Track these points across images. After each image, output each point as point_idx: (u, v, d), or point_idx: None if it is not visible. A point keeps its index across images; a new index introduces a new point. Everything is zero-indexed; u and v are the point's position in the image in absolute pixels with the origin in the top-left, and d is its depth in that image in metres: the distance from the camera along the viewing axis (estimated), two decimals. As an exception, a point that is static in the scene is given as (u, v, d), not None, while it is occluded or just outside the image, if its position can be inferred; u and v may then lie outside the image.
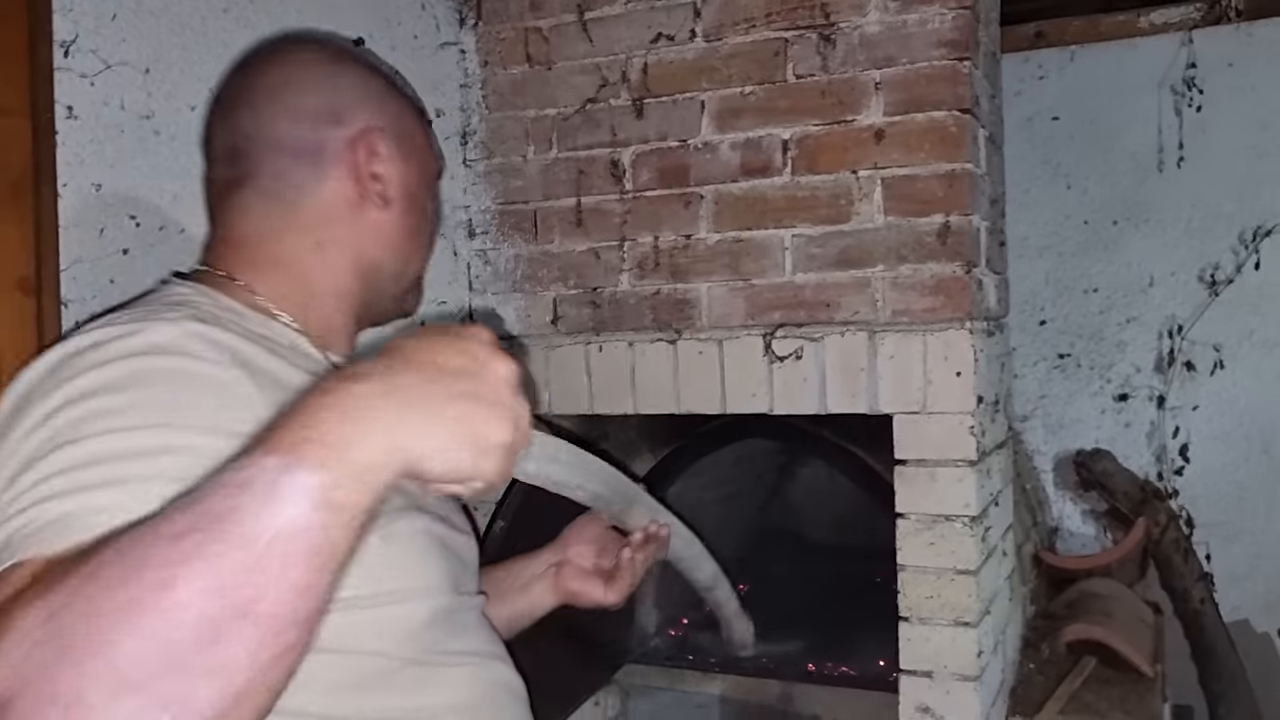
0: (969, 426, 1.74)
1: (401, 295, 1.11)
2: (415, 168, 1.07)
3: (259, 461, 0.57)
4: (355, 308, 1.05)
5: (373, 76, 1.07)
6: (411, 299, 1.13)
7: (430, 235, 1.12)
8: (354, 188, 1.01)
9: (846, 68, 1.79)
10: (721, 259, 1.89)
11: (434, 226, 1.14)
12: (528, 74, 2.02)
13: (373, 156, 1.01)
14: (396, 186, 1.04)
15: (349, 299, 1.04)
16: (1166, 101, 2.75)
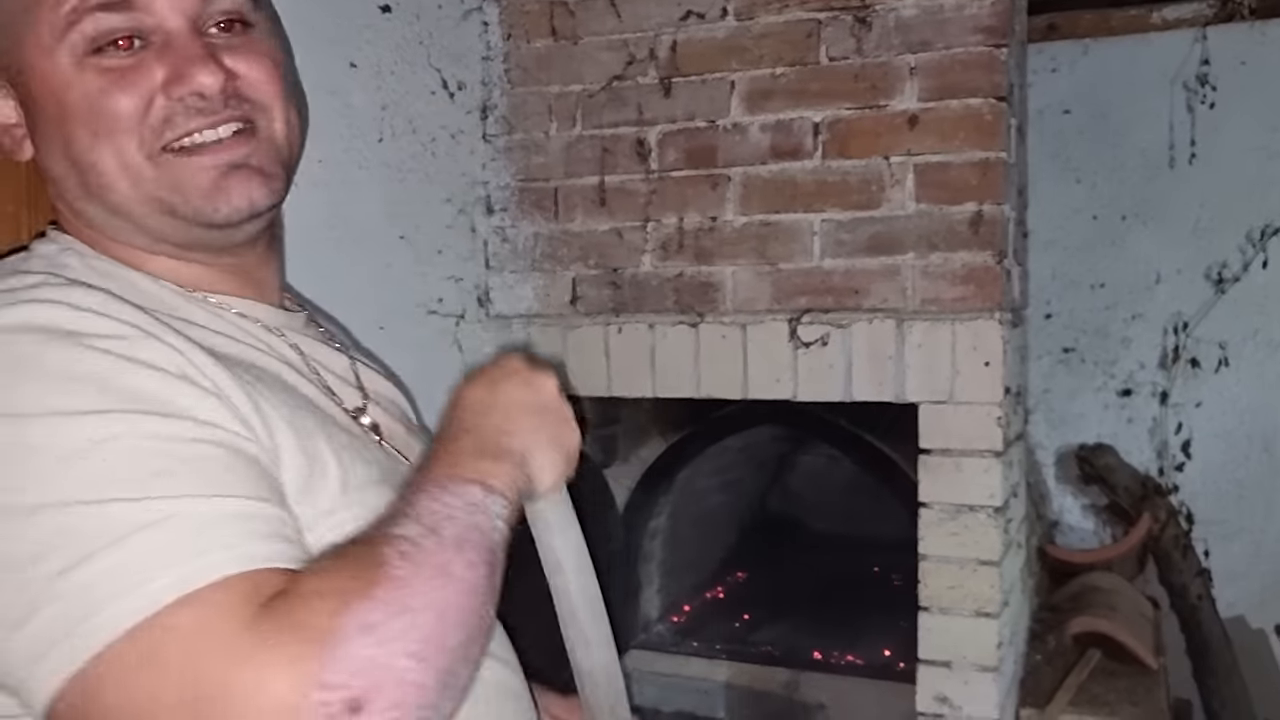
0: (996, 417, 1.74)
1: (152, 202, 0.79)
2: (18, 63, 0.78)
3: (470, 490, 0.70)
4: (146, 238, 0.82)
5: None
6: (175, 201, 0.79)
7: (89, 112, 0.77)
8: (5, 140, 0.82)
9: (881, 51, 1.77)
10: (748, 242, 1.87)
11: (92, 100, 0.77)
12: (553, 48, 1.99)
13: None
14: (25, 113, 0.80)
15: (125, 231, 0.81)
16: (1179, 98, 2.75)
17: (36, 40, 0.76)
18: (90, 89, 0.76)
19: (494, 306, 2.06)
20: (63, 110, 0.76)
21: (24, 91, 0.79)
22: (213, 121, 0.78)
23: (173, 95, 0.77)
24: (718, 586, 2.72)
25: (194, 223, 0.80)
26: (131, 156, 0.77)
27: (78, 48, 0.75)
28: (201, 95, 0.77)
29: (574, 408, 0.86)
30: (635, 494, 2.28)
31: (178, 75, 0.76)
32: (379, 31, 1.76)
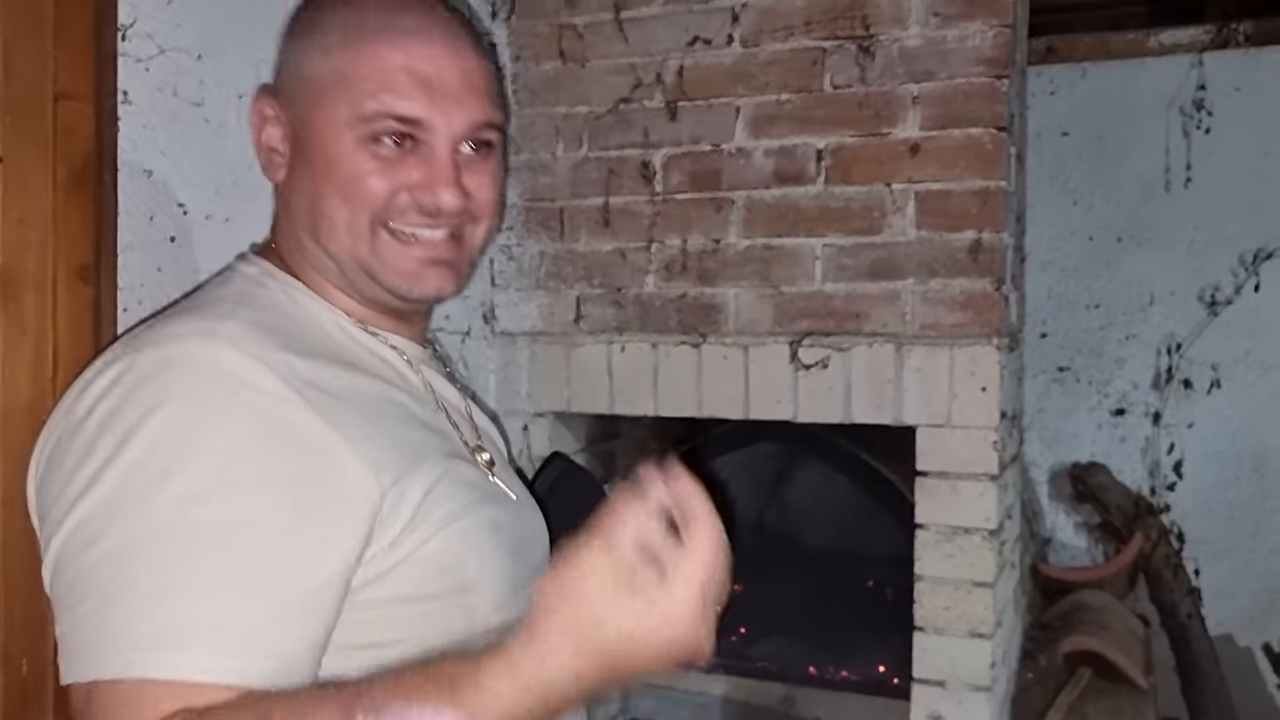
0: (992, 441, 1.77)
1: (358, 261, 0.96)
2: (305, 114, 0.95)
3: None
4: (342, 280, 0.99)
5: (298, 14, 1.01)
6: (377, 268, 0.96)
7: (348, 181, 0.93)
8: (262, 157, 1.00)
9: (884, 80, 1.81)
10: (751, 265, 1.90)
11: (356, 176, 0.93)
12: (560, 70, 2.02)
13: (263, 123, 0.99)
14: (291, 146, 0.97)
15: (328, 271, 0.99)
16: (1175, 122, 2.80)
17: (333, 112, 0.92)
18: (358, 167, 0.92)
19: (499, 324, 2.09)
20: (329, 171, 0.93)
21: (298, 134, 0.96)
22: (434, 224, 0.95)
23: (416, 196, 0.93)
24: (714, 599, 2.75)
25: (388, 292, 0.97)
26: (361, 225, 0.93)
27: (362, 134, 0.92)
28: (440, 209, 0.94)
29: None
30: (635, 508, 2.31)
31: (428, 186, 0.93)
32: (392, 55, 1.79)
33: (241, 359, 0.82)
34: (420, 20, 0.95)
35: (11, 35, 1.10)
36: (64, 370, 1.16)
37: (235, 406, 0.80)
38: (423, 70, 0.92)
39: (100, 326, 1.20)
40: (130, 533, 0.75)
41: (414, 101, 0.92)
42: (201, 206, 1.41)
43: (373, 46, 0.92)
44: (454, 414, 1.03)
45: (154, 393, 0.79)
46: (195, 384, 0.80)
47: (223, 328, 0.84)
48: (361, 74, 0.92)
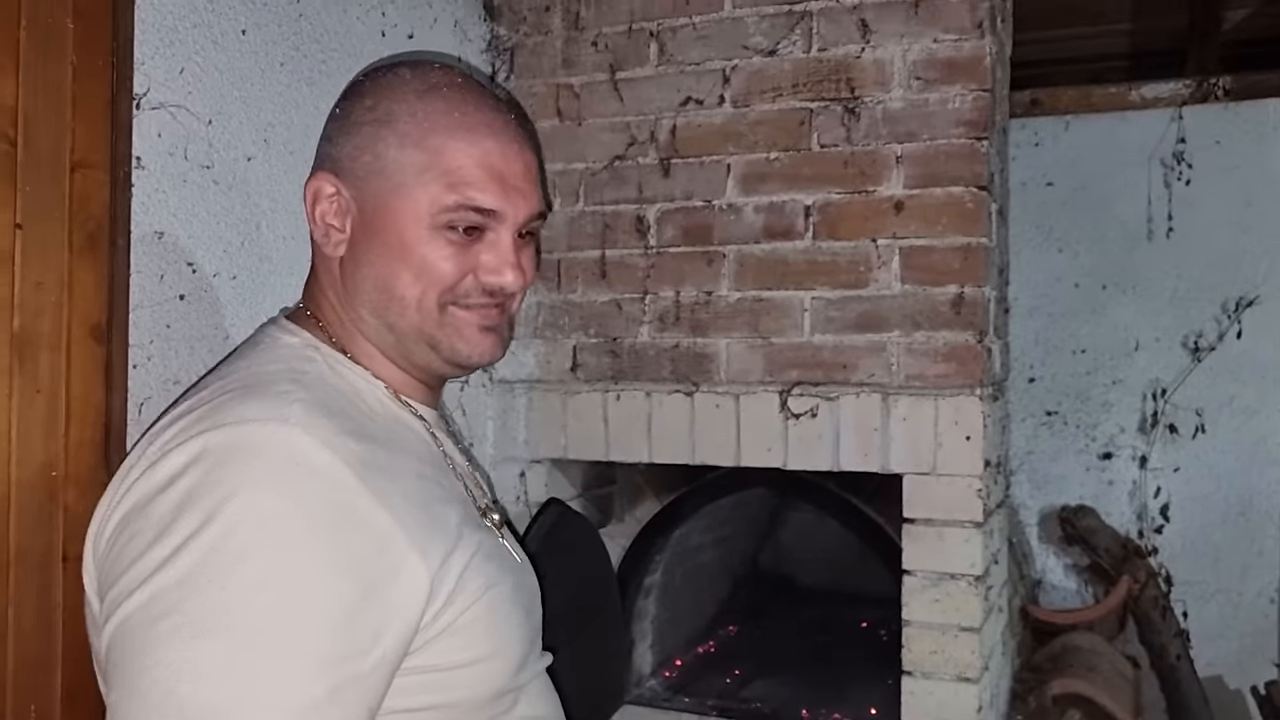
0: (976, 489, 1.82)
1: (422, 335, 1.03)
2: (378, 199, 1.01)
3: None
4: (397, 350, 1.05)
5: (361, 101, 1.04)
6: (441, 339, 1.04)
7: (424, 264, 1.00)
8: (319, 233, 1.04)
9: (869, 140, 1.87)
10: (742, 316, 1.96)
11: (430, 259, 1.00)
12: (558, 128, 2.09)
13: (318, 201, 1.03)
14: (354, 224, 1.02)
15: (385, 342, 1.05)
16: (1156, 174, 2.87)
17: (412, 200, 1.00)
18: (434, 252, 1.00)
19: (497, 372, 2.14)
20: (404, 253, 1.00)
21: (367, 214, 1.02)
22: (493, 302, 1.04)
23: (481, 278, 1.02)
24: (710, 641, 2.78)
25: (446, 360, 1.05)
26: (430, 303, 1.01)
27: (440, 223, 1.00)
28: (503, 290, 1.03)
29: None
30: (630, 552, 2.34)
31: (495, 270, 1.02)
32: (394, 115, 1.86)
33: (311, 445, 0.86)
34: (493, 118, 1.03)
35: (32, 108, 1.16)
36: (76, 426, 1.21)
37: (307, 494, 0.84)
38: (497, 166, 1.01)
39: (111, 383, 1.25)
40: (203, 612, 0.79)
41: (490, 195, 1.00)
42: (210, 265, 1.47)
43: (453, 143, 1.00)
44: (465, 477, 1.09)
45: (232, 477, 0.83)
46: (271, 471, 0.84)
47: (291, 412, 0.88)
48: (443, 168, 0.99)
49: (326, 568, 0.83)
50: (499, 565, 1.01)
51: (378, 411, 1.01)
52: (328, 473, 0.86)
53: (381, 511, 0.88)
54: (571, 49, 2.08)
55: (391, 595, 0.86)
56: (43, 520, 1.17)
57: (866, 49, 1.87)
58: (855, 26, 1.88)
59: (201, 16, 1.45)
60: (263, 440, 0.86)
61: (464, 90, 1.05)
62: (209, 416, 0.89)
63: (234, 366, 0.99)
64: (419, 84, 1.03)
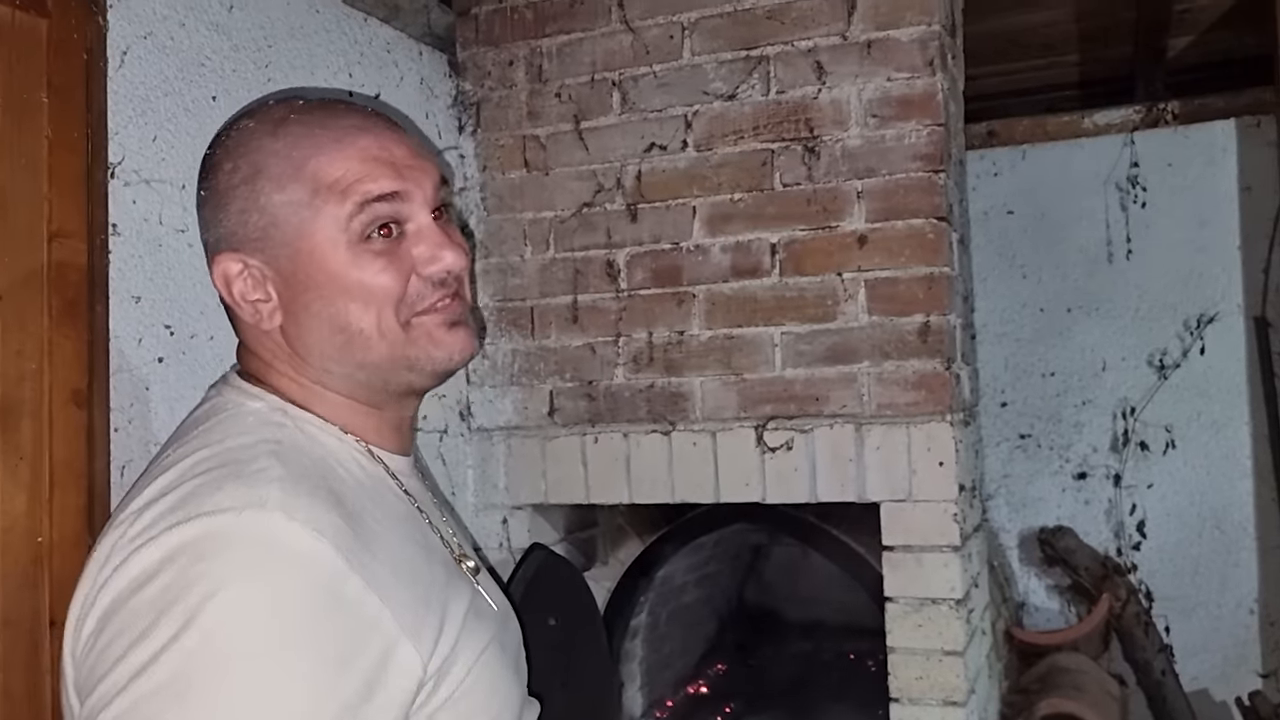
0: (952, 514, 1.85)
1: (396, 360, 0.96)
2: (286, 250, 0.93)
3: None
4: (368, 392, 0.99)
5: (219, 169, 0.96)
6: (416, 355, 0.97)
7: (363, 287, 0.93)
8: (247, 313, 0.96)
9: (830, 177, 1.92)
10: (714, 354, 1.99)
11: (364, 278, 0.93)
12: (526, 179, 2.13)
13: (231, 283, 0.95)
14: (277, 288, 0.95)
15: (351, 389, 0.98)
16: (1113, 198, 2.94)
17: (318, 231, 0.93)
18: (363, 270, 0.93)
19: (475, 420, 2.17)
20: (340, 287, 0.93)
21: (285, 272, 0.94)
22: (449, 292, 0.97)
23: (423, 272, 0.95)
24: (699, 680, 2.78)
25: (428, 374, 0.98)
26: (390, 324, 0.94)
27: (355, 235, 0.92)
28: (450, 272, 0.96)
29: None
30: (615, 595, 2.35)
31: (433, 257, 0.95)
32: (364, 172, 1.89)
33: (291, 531, 0.81)
34: (356, 119, 0.96)
35: (9, 181, 1.19)
36: (60, 492, 1.22)
37: (290, 587, 0.80)
38: (380, 153, 0.94)
39: (94, 448, 1.27)
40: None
41: (384, 180, 0.93)
42: (187, 327, 1.49)
43: (325, 156, 0.93)
44: (439, 526, 1.03)
45: (211, 573, 0.78)
46: (250, 564, 0.80)
47: (268, 495, 0.83)
48: (328, 184, 0.92)
49: (314, 668, 0.79)
50: (485, 625, 0.97)
51: (355, 475, 0.95)
52: (311, 560, 0.81)
53: (370, 596, 0.83)
54: (536, 101, 2.12)
55: (385, 685, 0.83)
56: (28, 587, 1.18)
57: (823, 90, 1.93)
58: (811, 69, 1.93)
59: (173, 85, 1.48)
60: (240, 531, 0.80)
61: (315, 109, 0.97)
62: (181, 506, 0.83)
63: (200, 438, 0.91)
64: (267, 125, 0.95)
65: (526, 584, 1.91)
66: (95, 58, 1.30)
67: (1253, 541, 2.83)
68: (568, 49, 2.10)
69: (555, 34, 2.11)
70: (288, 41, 1.73)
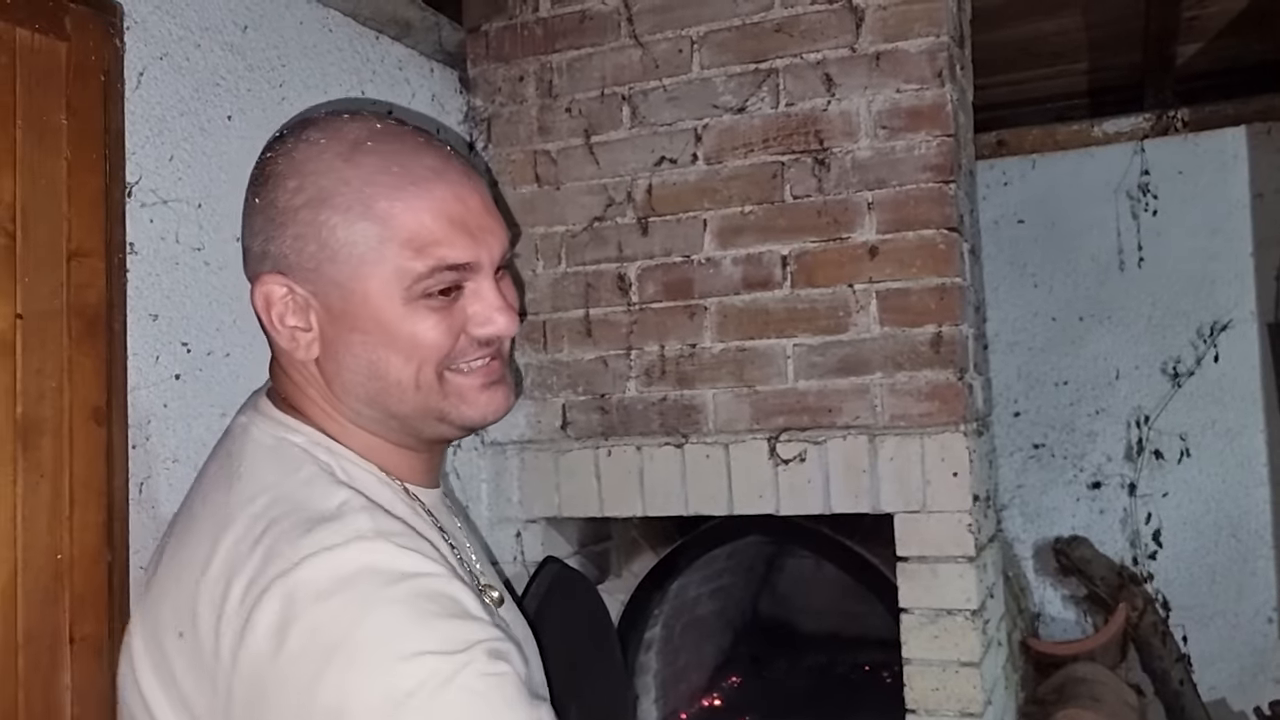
0: (966, 524, 1.84)
1: (428, 411, 0.93)
2: (339, 287, 0.90)
3: None
4: (401, 434, 0.96)
5: (283, 185, 0.90)
6: (448, 409, 0.94)
7: (412, 342, 0.90)
8: (284, 339, 0.93)
9: (841, 189, 1.93)
10: (726, 367, 2.00)
11: (416, 334, 0.90)
12: (537, 194, 2.14)
13: (271, 305, 0.92)
14: (320, 320, 0.91)
15: (389, 430, 0.96)
16: (1124, 206, 2.94)
17: (378, 278, 0.88)
18: (417, 326, 0.89)
19: (489, 434, 2.17)
20: (387, 336, 0.90)
21: (333, 306, 0.90)
22: (491, 353, 0.94)
23: (473, 332, 0.91)
24: (714, 693, 2.78)
25: (458, 427, 0.96)
26: (428, 378, 0.91)
27: (415, 293, 0.88)
28: (500, 336, 0.93)
29: None
30: (629, 607, 2.35)
31: (486, 320, 0.91)
32: (377, 189, 1.91)
33: (399, 553, 0.82)
34: (434, 160, 0.91)
35: (29, 202, 1.21)
36: (80, 509, 1.23)
37: (421, 597, 0.81)
38: (457, 212, 0.90)
39: (113, 465, 1.28)
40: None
41: (460, 248, 0.89)
42: (204, 344, 1.50)
43: (402, 203, 0.88)
44: (468, 559, 1.00)
45: (350, 607, 0.79)
46: (382, 586, 0.80)
47: (360, 524, 0.83)
48: (401, 234, 0.88)
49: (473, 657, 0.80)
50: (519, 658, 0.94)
51: (398, 511, 0.91)
52: (422, 569, 0.82)
53: (469, 596, 0.85)
54: (546, 116, 2.14)
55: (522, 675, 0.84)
56: (49, 604, 1.19)
57: (832, 102, 1.93)
58: (820, 81, 1.94)
59: (189, 105, 1.50)
60: (358, 563, 0.80)
61: (391, 137, 0.92)
62: (274, 559, 0.81)
63: (252, 479, 0.89)
64: (340, 147, 0.89)
65: (540, 598, 1.92)
66: (113, 79, 1.32)
67: (1270, 549, 2.81)
68: (577, 64, 2.12)
69: (565, 49, 2.13)
70: (301, 60, 1.75)
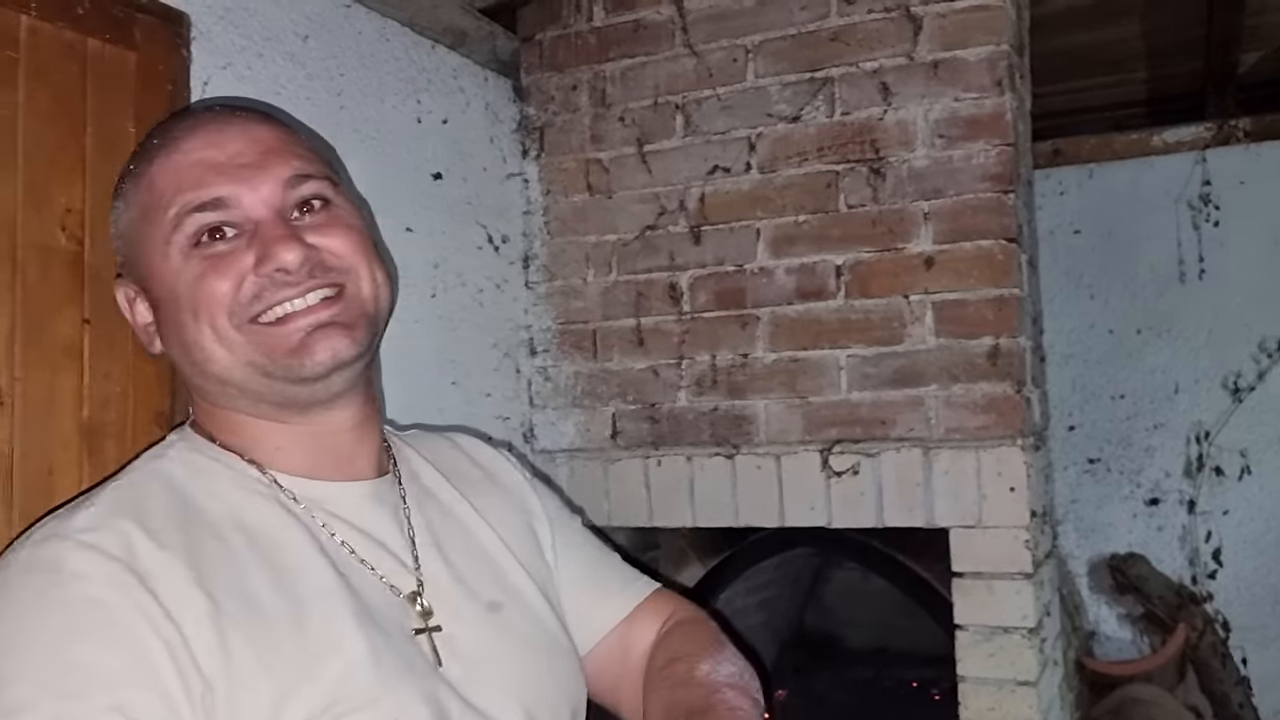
0: (1024, 540, 1.81)
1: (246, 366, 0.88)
2: (142, 271, 0.90)
3: None
4: (252, 403, 0.90)
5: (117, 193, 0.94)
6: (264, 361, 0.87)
7: (191, 295, 0.86)
8: (144, 340, 0.95)
9: (896, 199, 1.91)
10: (778, 377, 1.98)
11: (193, 285, 0.86)
12: (589, 202, 2.14)
13: (130, 307, 0.94)
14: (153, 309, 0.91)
15: (235, 405, 0.91)
16: (1184, 216, 2.88)
17: (153, 245, 0.88)
18: (191, 276, 0.86)
19: (538, 442, 2.17)
20: (175, 299, 0.87)
21: (151, 294, 0.90)
22: (300, 291, 0.87)
23: (260, 273, 0.86)
24: (760, 706, 2.75)
25: (286, 379, 0.87)
26: (224, 329, 0.86)
27: (183, 244, 0.86)
28: (285, 270, 0.86)
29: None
30: (677, 618, 2.34)
31: (265, 255, 0.86)
32: (431, 197, 1.92)
33: (71, 551, 0.78)
34: (199, 120, 0.91)
35: (97, 209, 1.22)
36: (142, 512, 1.25)
37: (55, 603, 0.76)
38: (209, 156, 0.87)
39: (175, 469, 1.29)
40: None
41: (208, 186, 0.86)
42: (262, 350, 1.51)
43: (158, 164, 0.89)
44: (381, 560, 0.90)
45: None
46: (21, 591, 0.77)
47: (76, 521, 0.81)
48: (156, 192, 0.87)
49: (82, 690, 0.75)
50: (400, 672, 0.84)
51: (213, 504, 0.87)
52: (78, 573, 0.77)
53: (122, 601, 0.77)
54: (599, 125, 2.14)
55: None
56: (111, 605, 1.20)
57: (889, 111, 1.91)
58: (876, 90, 1.92)
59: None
60: (32, 561, 0.79)
61: (172, 119, 0.93)
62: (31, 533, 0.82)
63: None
64: (138, 149, 0.94)
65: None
66: (179, 88, 1.34)
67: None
68: (631, 73, 2.12)
69: (619, 58, 2.13)
70: (358, 70, 1.77)
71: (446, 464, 1.05)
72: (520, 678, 0.93)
